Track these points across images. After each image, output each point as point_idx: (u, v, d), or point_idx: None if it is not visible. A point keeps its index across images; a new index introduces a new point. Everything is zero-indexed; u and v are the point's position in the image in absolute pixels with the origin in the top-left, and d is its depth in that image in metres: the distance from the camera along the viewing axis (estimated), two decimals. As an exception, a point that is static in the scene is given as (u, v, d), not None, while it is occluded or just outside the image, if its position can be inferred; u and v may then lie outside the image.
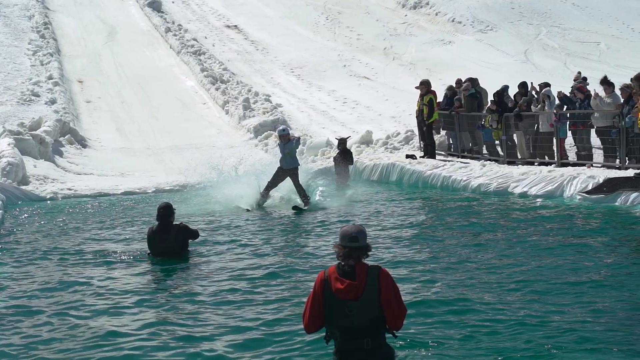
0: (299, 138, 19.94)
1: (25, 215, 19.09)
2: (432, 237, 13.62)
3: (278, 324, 8.51)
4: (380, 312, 6.07)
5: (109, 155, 29.38)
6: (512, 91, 22.28)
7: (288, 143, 18.90)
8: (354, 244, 6.08)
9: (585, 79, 21.84)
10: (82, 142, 30.52)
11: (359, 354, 6.12)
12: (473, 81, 23.56)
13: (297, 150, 19.51)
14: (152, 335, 8.35)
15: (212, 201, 19.34)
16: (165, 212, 12.50)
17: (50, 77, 36.59)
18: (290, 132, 20.15)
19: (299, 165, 19.19)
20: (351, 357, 6.14)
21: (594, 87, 19.96)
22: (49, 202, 22.20)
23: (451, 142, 24.86)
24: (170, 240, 12.45)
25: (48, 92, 34.55)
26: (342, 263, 6.11)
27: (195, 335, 8.31)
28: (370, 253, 6.15)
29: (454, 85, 24.44)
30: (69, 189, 23.77)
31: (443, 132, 25.07)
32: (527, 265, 10.75)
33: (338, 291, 6.06)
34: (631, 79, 16.27)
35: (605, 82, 18.81)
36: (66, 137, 29.99)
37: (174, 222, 12.64)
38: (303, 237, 14.69)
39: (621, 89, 17.66)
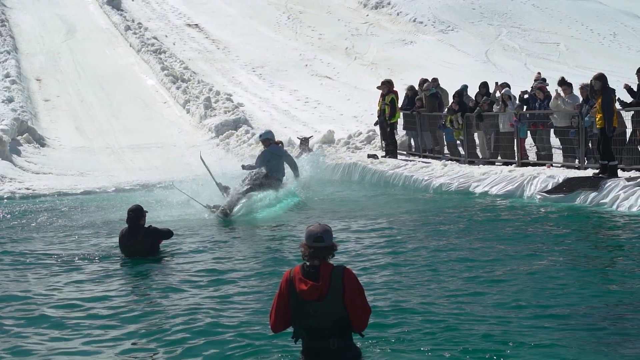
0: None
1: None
2: (394, 236, 13.60)
3: (247, 322, 8.43)
4: (345, 312, 6.07)
5: (68, 155, 29.04)
6: (472, 91, 22.39)
7: (268, 149, 17.22)
8: (319, 244, 6.09)
9: (544, 79, 22.02)
10: (40, 141, 30.14)
11: (325, 354, 6.13)
12: (433, 81, 23.68)
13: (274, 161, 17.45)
14: (116, 336, 8.25)
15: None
16: (135, 214, 12.36)
17: (7, 75, 36.08)
18: (268, 137, 17.87)
19: (282, 176, 17.57)
20: (317, 356, 6.16)
21: (553, 88, 20.15)
22: (5, 201, 21.88)
23: (412, 142, 24.95)
24: (138, 242, 12.32)
25: (5, 91, 34.06)
26: (307, 263, 6.11)
27: (162, 332, 8.21)
28: (335, 252, 6.17)
29: (417, 85, 24.49)
30: (27, 189, 23.46)
31: (403, 132, 25.12)
32: (486, 264, 10.79)
33: (302, 292, 6.08)
34: (591, 80, 16.41)
35: (564, 83, 19.00)
36: (24, 135, 29.60)
37: (146, 225, 12.49)
38: (273, 236, 14.56)
39: (581, 88, 17.83)
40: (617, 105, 16.69)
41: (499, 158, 20.71)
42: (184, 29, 46.25)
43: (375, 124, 25.73)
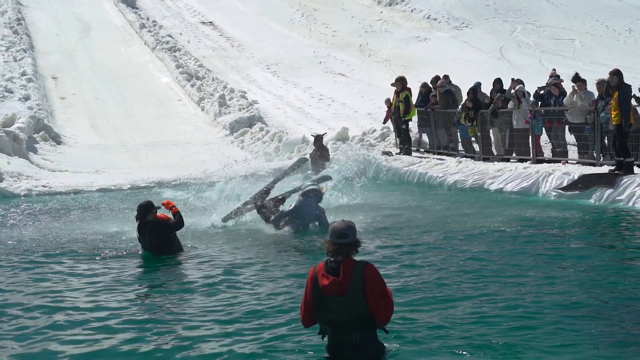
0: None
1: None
2: (415, 233, 13.60)
3: (271, 318, 8.47)
4: (367, 307, 6.12)
5: (84, 152, 29.18)
6: (486, 88, 22.34)
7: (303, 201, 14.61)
8: (343, 240, 6.16)
9: (558, 76, 21.94)
10: (56, 139, 30.30)
11: (348, 349, 6.19)
12: (445, 78, 23.67)
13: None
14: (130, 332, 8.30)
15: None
16: (142, 210, 12.45)
17: (23, 73, 36.28)
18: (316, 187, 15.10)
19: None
20: (341, 351, 6.23)
21: (568, 85, 20.08)
22: (23, 198, 22.02)
23: (423, 139, 24.94)
24: (145, 238, 12.42)
25: (22, 89, 34.27)
26: (331, 259, 6.18)
27: (178, 328, 8.25)
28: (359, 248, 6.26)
29: (430, 82, 24.47)
30: (44, 186, 23.58)
31: (415, 130, 25.09)
32: (504, 261, 10.80)
33: (324, 287, 6.16)
34: (609, 75, 16.31)
35: (579, 79, 18.93)
36: (40, 133, 29.77)
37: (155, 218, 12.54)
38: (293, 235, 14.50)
39: (597, 84, 17.75)
40: (633, 102, 16.62)
41: (514, 155, 20.67)
42: (198, 27, 46.38)
43: (384, 122, 25.79)
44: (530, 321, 7.95)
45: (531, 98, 20.41)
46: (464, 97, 22.40)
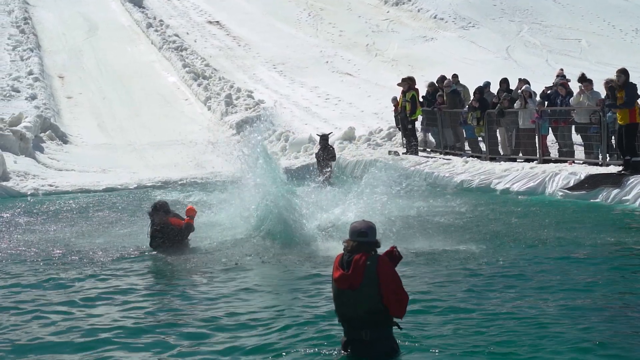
0: None
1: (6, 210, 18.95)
2: (426, 234, 13.59)
3: (283, 314, 8.47)
4: (380, 303, 6.14)
5: (90, 152, 29.20)
6: (494, 87, 22.30)
7: None
8: (363, 239, 6.19)
9: (564, 76, 21.89)
10: (63, 138, 30.32)
11: (359, 345, 6.21)
12: (453, 77, 23.65)
13: None
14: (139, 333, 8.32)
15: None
16: (152, 208, 12.62)
17: (30, 73, 36.33)
18: None
19: None
20: (351, 347, 6.25)
21: (574, 84, 20.04)
22: (29, 198, 22.05)
23: (428, 139, 24.90)
24: (151, 237, 12.48)
25: (28, 88, 34.31)
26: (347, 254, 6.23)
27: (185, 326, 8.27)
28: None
29: (436, 81, 24.44)
30: (50, 185, 23.61)
31: (419, 129, 25.04)
32: (514, 263, 10.79)
33: (335, 280, 6.22)
34: (616, 73, 16.29)
35: (585, 80, 18.90)
36: (47, 132, 29.81)
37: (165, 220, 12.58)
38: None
39: (605, 83, 17.70)
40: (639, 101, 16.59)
41: (520, 155, 20.65)
42: (205, 26, 46.39)
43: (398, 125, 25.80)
44: (540, 325, 7.94)
45: (537, 98, 20.37)
46: (472, 96, 22.36)
